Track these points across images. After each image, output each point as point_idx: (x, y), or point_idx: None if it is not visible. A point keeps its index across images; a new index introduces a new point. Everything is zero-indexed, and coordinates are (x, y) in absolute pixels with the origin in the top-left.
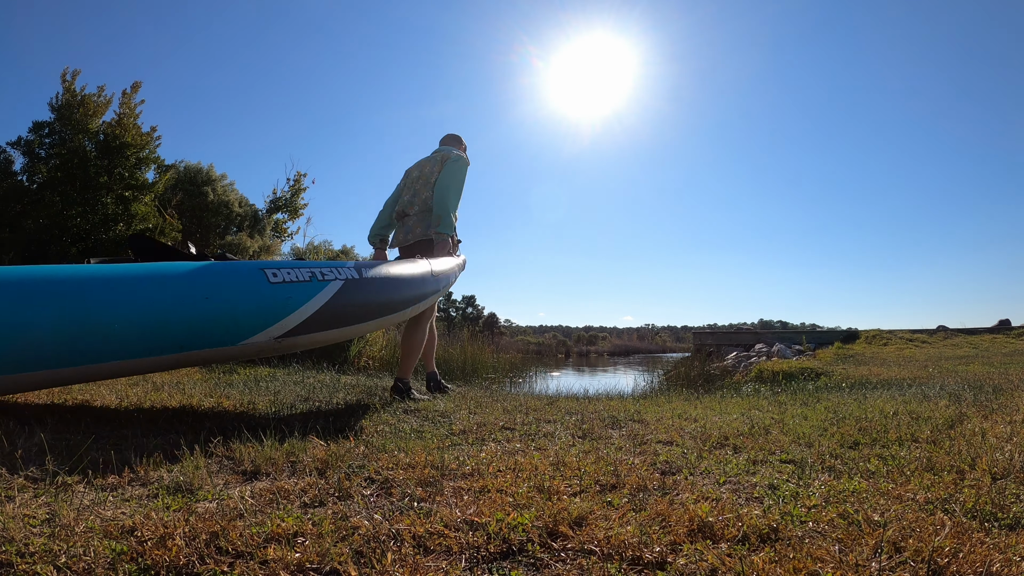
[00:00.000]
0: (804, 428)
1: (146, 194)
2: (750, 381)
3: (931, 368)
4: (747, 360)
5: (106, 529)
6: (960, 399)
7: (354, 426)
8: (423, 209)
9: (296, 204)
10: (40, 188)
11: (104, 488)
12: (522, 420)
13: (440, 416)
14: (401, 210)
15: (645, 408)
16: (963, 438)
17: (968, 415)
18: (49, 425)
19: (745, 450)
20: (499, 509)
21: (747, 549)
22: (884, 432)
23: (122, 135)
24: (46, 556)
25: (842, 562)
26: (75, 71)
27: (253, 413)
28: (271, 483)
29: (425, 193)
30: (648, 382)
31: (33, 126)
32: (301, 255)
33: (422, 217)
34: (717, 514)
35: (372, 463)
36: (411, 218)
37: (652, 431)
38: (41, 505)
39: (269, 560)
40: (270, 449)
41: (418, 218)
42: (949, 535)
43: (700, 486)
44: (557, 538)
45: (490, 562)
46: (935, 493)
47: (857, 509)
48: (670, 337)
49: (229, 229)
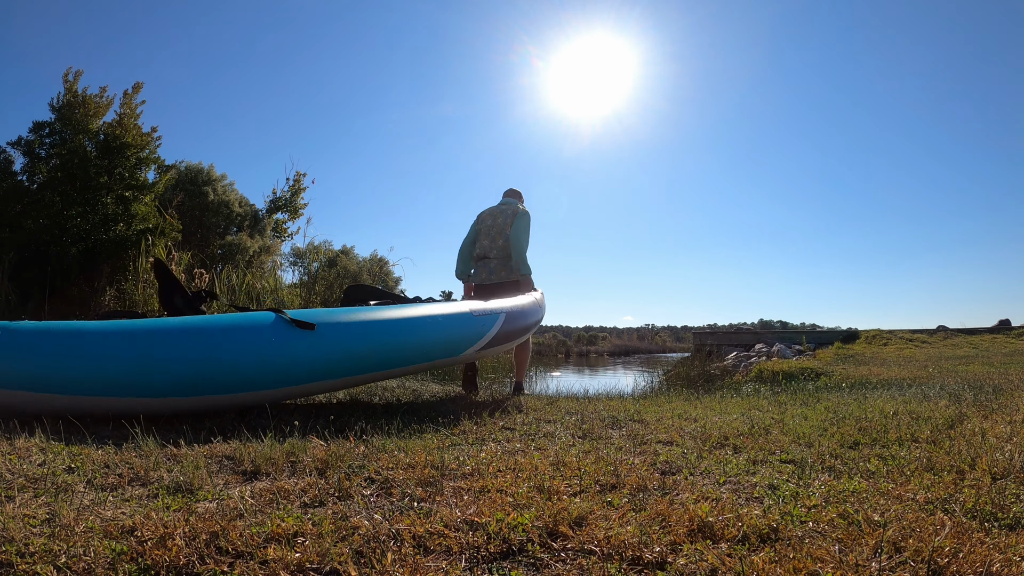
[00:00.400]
0: (804, 428)
1: (146, 194)
2: (750, 381)
3: (931, 368)
4: (747, 360)
5: (106, 529)
6: (960, 399)
7: (354, 426)
8: (501, 255)
9: (296, 204)
10: (40, 188)
11: (104, 488)
12: (522, 420)
13: (440, 416)
14: (481, 254)
15: (645, 408)
16: (963, 438)
17: (968, 415)
18: (49, 425)
19: (745, 450)
20: (499, 509)
21: (747, 549)
22: (884, 432)
23: (123, 135)
24: (46, 556)
25: (842, 562)
26: (77, 71)
27: (253, 413)
28: (271, 483)
29: (500, 241)
30: (648, 382)
31: (33, 126)
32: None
33: (503, 262)
34: (717, 514)
35: (372, 463)
36: (492, 261)
37: (652, 431)
38: (41, 505)
39: (269, 560)
40: (270, 449)
41: (499, 263)
42: (949, 535)
43: (700, 486)
44: (557, 538)
45: (490, 562)
46: (935, 493)
47: (857, 509)
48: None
49: (229, 229)
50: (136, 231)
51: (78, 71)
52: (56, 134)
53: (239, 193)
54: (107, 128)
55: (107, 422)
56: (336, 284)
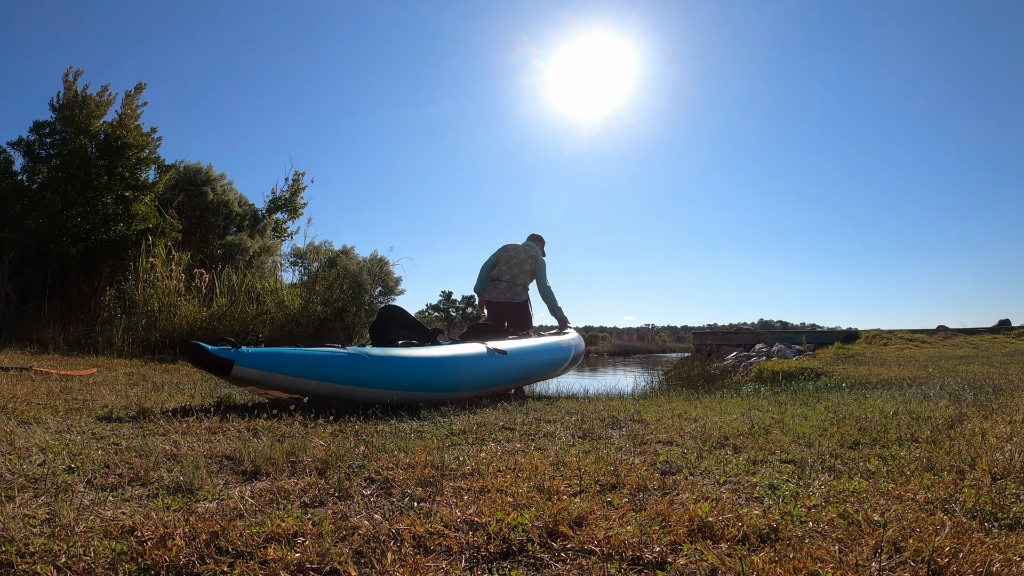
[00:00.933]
0: (804, 428)
1: (146, 194)
2: (750, 381)
3: (931, 368)
4: (747, 360)
5: (106, 529)
6: (960, 399)
7: (354, 426)
8: (512, 282)
9: (296, 204)
10: (40, 188)
11: (104, 488)
12: (522, 420)
13: (440, 416)
14: (496, 276)
15: (645, 408)
16: (963, 438)
17: (968, 415)
18: (50, 425)
19: (745, 450)
20: (499, 509)
21: (747, 549)
22: (884, 432)
23: (123, 136)
24: (46, 556)
25: (842, 562)
26: (77, 71)
27: (253, 413)
28: (271, 483)
29: (514, 271)
30: (648, 382)
31: (34, 126)
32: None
33: (511, 286)
34: (717, 514)
35: (372, 463)
36: (502, 284)
37: (652, 431)
38: (41, 505)
39: (269, 560)
40: (270, 449)
41: (507, 286)
42: (949, 535)
43: (700, 486)
44: (557, 538)
45: (490, 562)
46: (935, 493)
47: (857, 509)
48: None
49: (228, 229)
50: (136, 231)
51: (78, 71)
52: (56, 134)
53: (238, 193)
54: (108, 128)
55: (107, 422)
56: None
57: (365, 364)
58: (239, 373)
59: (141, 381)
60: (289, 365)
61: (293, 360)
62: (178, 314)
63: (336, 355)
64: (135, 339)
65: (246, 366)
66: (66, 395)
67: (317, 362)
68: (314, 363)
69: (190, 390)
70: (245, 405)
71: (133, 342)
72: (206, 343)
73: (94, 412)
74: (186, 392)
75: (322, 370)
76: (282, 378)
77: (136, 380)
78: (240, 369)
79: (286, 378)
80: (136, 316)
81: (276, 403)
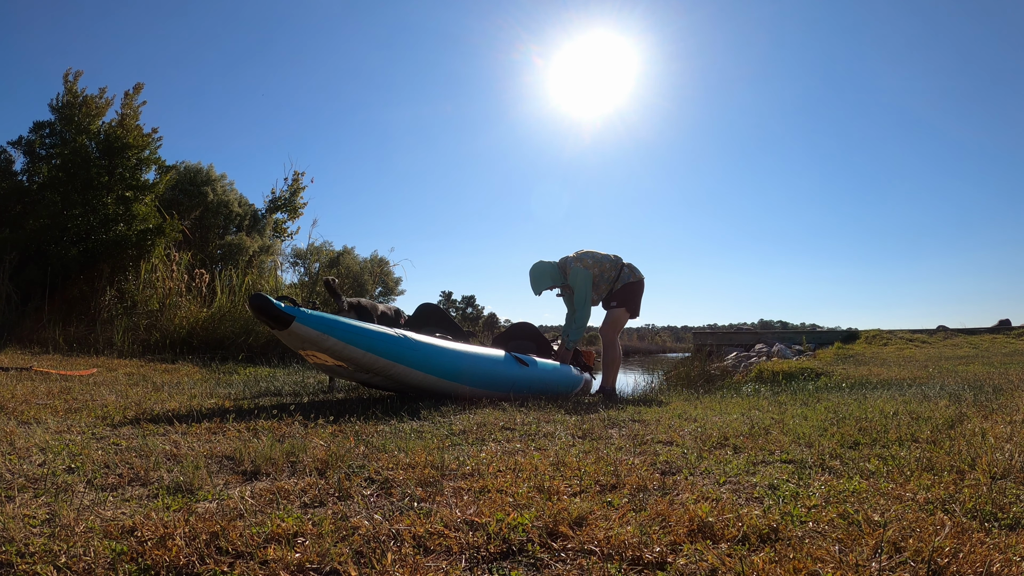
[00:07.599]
0: (804, 428)
1: (147, 195)
2: (750, 381)
3: (931, 368)
4: (747, 360)
5: (106, 529)
6: (960, 399)
7: (354, 426)
8: None
9: (295, 203)
10: (40, 188)
11: (104, 488)
12: (522, 420)
13: (440, 416)
14: None
15: (645, 408)
16: (963, 438)
17: (968, 415)
18: (50, 425)
19: (745, 450)
20: (499, 509)
21: (747, 549)
22: (884, 432)
23: (124, 136)
24: (46, 556)
25: (842, 562)
26: (77, 72)
27: (253, 413)
28: (271, 483)
29: None
30: (648, 382)
31: (34, 126)
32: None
33: None
34: (717, 514)
35: (372, 463)
36: None
37: (652, 431)
38: (41, 505)
39: (269, 560)
40: (270, 449)
41: None
42: (949, 535)
43: (700, 486)
44: (557, 538)
45: (490, 562)
46: (935, 493)
47: (857, 509)
48: (670, 337)
49: (228, 229)
50: (136, 231)
51: (78, 71)
52: (57, 134)
53: (238, 193)
54: (108, 128)
55: (107, 422)
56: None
57: (408, 345)
58: (298, 329)
59: (141, 381)
60: (342, 331)
61: (347, 327)
62: (178, 314)
63: (385, 332)
64: (135, 339)
65: (305, 323)
66: (66, 395)
67: (368, 334)
68: (365, 334)
69: (190, 390)
70: (245, 406)
71: (133, 342)
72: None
73: (94, 412)
74: (186, 392)
75: (371, 342)
76: (333, 341)
77: (136, 380)
78: (299, 326)
79: (337, 342)
80: (136, 316)
81: (276, 404)
